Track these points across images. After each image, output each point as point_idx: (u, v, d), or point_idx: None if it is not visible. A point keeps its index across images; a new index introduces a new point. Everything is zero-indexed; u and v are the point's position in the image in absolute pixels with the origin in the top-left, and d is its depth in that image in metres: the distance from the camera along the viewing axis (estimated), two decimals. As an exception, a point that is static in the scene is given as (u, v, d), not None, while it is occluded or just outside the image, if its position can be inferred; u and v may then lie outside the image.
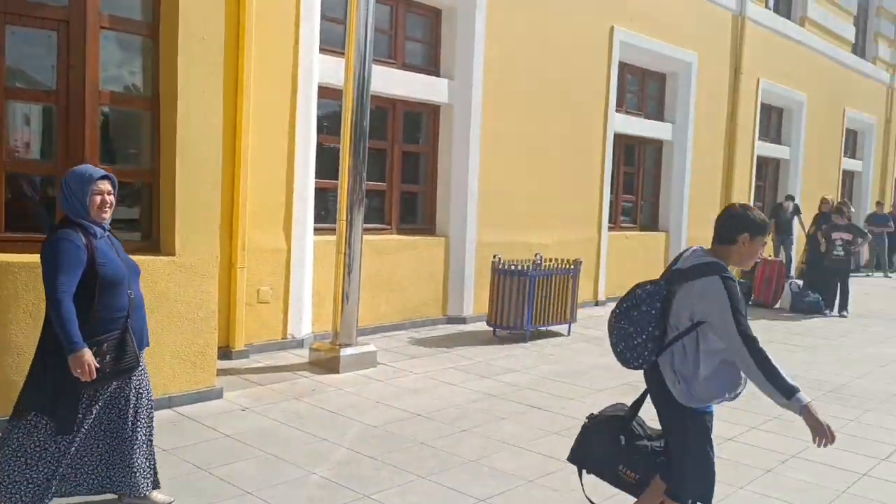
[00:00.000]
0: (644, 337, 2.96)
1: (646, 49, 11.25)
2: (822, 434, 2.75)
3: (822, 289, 11.31)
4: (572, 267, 8.40)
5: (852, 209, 12.22)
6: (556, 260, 8.40)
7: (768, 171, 15.89)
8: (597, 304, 10.71)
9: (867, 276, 16.96)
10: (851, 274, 11.79)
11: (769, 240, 12.01)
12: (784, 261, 13.04)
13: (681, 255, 3.15)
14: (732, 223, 3.02)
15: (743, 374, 2.94)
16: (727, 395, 2.98)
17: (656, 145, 12.44)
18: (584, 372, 6.84)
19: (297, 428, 4.95)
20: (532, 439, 4.96)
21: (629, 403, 3.29)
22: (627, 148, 11.85)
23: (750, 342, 2.80)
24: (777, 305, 11.63)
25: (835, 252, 11.16)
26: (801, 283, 11.95)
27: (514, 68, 9.11)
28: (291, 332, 7.08)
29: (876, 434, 5.41)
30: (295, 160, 6.95)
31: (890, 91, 20.38)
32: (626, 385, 6.28)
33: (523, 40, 9.20)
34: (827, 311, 11.12)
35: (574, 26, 9.88)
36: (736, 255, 3.03)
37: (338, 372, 6.31)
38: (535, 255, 8.26)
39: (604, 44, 10.46)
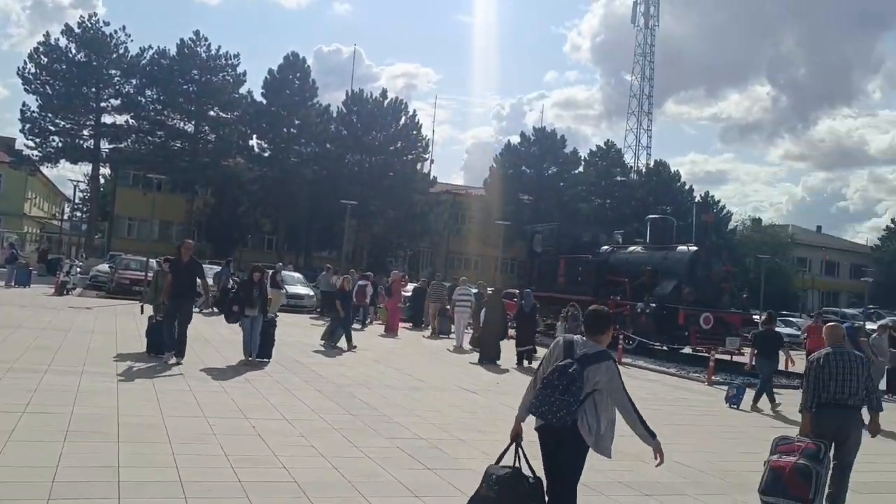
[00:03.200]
0: (577, 405, 4.20)
1: None
2: (662, 459, 4.45)
3: None
4: None
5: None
6: None
7: None
8: None
9: None
10: None
11: None
12: None
13: (571, 342, 4.45)
14: (603, 321, 4.52)
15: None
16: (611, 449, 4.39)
17: None
18: None
19: None
20: None
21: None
22: None
23: (631, 401, 4.34)
24: None
25: None
26: None
27: None
28: None
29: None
30: None
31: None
32: None
33: None
34: None
35: None
36: (606, 341, 4.50)
37: None
38: None
39: None
